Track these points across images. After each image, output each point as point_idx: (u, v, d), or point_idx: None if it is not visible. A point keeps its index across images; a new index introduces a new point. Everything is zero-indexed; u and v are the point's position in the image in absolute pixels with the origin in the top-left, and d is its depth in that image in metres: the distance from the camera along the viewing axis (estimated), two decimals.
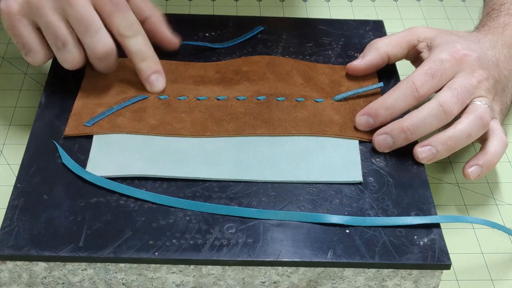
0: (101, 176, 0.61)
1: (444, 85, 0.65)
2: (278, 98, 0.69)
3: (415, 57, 0.72)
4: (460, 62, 0.66)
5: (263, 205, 0.60)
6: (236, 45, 0.75)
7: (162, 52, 0.73)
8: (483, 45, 0.69)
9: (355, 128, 0.67)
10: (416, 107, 0.65)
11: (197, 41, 0.75)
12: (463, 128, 0.64)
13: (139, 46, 0.67)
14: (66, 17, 0.64)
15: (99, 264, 0.56)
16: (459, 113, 0.65)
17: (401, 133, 0.64)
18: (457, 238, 0.64)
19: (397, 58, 0.72)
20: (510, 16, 0.72)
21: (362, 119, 0.66)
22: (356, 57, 0.74)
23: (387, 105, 0.65)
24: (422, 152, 0.64)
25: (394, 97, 0.65)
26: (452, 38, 0.69)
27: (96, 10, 0.65)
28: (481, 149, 0.66)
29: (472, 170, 0.65)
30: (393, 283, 0.58)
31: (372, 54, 0.71)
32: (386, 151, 0.65)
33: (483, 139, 0.66)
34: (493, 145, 0.65)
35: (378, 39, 0.72)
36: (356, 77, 0.72)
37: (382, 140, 0.64)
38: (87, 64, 0.68)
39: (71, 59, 0.66)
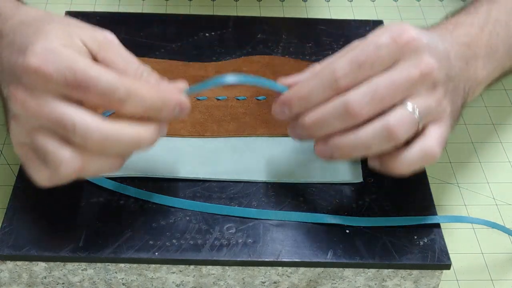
0: (101, 176, 0.61)
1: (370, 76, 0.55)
2: None
3: None
4: (402, 48, 0.54)
5: (263, 205, 0.60)
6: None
7: (164, 52, 0.73)
8: (433, 35, 0.58)
9: None
10: None
11: (197, 41, 0.75)
12: (362, 137, 0.54)
13: (139, 107, 0.54)
14: None
15: (99, 264, 0.56)
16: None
17: (303, 129, 0.56)
18: (457, 238, 0.64)
19: None
20: (467, 16, 0.63)
21: (277, 108, 0.57)
22: None
23: (302, 94, 0.55)
24: (317, 149, 0.56)
25: (311, 86, 0.55)
26: (399, 24, 0.57)
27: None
28: (395, 152, 0.55)
29: (372, 164, 0.57)
30: (393, 283, 0.58)
31: (306, 73, 0.58)
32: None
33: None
34: (408, 153, 0.55)
35: (318, 62, 0.59)
36: None
37: (292, 133, 0.58)
38: None
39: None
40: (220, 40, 0.76)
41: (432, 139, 0.55)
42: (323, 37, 0.77)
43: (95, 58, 0.55)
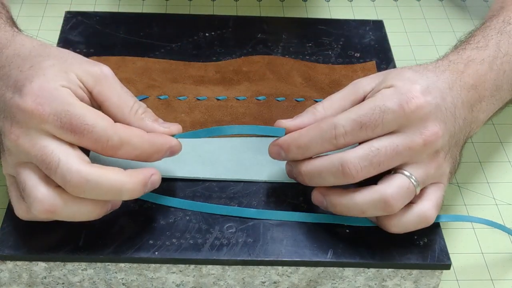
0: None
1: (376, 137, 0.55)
2: (278, 98, 0.69)
3: None
4: (409, 115, 0.54)
5: (263, 205, 0.60)
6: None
7: (164, 52, 0.73)
8: (441, 85, 0.57)
9: None
10: None
11: (197, 41, 0.75)
12: (358, 203, 0.55)
13: (131, 154, 0.55)
14: None
15: (99, 264, 0.56)
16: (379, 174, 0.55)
17: (299, 175, 0.57)
18: (457, 238, 0.64)
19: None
20: (477, 50, 0.61)
21: (274, 149, 0.58)
22: (356, 57, 0.74)
23: (300, 143, 0.56)
24: (314, 197, 0.57)
25: (310, 137, 0.56)
26: (408, 76, 0.56)
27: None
28: (395, 214, 0.55)
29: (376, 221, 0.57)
30: (393, 283, 0.58)
31: (307, 118, 0.58)
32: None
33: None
34: (404, 217, 0.55)
35: (320, 102, 0.59)
36: (356, 76, 0.71)
37: (288, 173, 0.59)
38: None
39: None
40: (220, 40, 0.76)
41: (429, 204, 0.56)
42: (323, 37, 0.77)
43: (90, 93, 0.56)
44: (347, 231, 0.58)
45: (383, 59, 0.74)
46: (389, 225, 0.56)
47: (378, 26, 0.79)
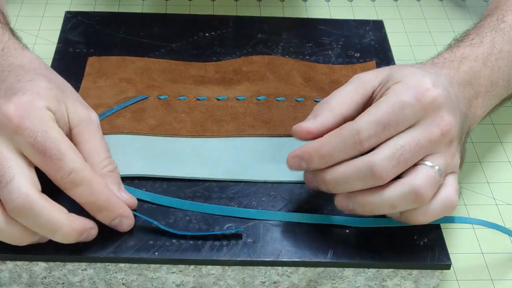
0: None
1: (392, 136, 0.55)
2: (278, 98, 0.69)
3: (369, 104, 0.57)
4: (425, 107, 0.55)
5: (263, 205, 0.60)
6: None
7: (164, 52, 0.73)
8: (443, 80, 0.58)
9: None
10: None
11: (197, 41, 0.75)
12: (389, 199, 0.54)
13: (84, 197, 0.54)
14: None
15: (99, 264, 0.56)
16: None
17: (322, 183, 0.56)
18: (457, 238, 0.64)
19: (352, 118, 0.56)
20: (471, 47, 0.62)
21: (294, 161, 0.57)
22: (356, 57, 0.74)
23: (323, 153, 0.55)
24: (338, 202, 0.56)
25: (332, 145, 0.55)
26: (414, 71, 0.57)
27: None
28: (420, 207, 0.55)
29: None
30: (393, 283, 0.58)
31: (326, 116, 0.57)
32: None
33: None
34: (431, 206, 0.55)
35: (329, 97, 0.58)
36: None
37: (309, 182, 0.57)
38: (87, 65, 0.68)
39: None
40: (220, 40, 0.76)
41: (451, 189, 0.56)
42: (323, 37, 0.77)
43: (71, 130, 0.57)
44: (347, 231, 0.58)
45: (383, 59, 0.75)
46: (416, 216, 0.55)
47: (378, 26, 0.79)
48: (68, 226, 0.53)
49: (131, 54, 0.73)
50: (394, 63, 0.74)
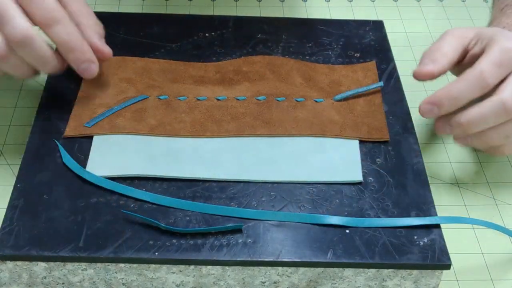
0: (101, 176, 0.61)
1: (508, 74, 0.63)
2: (278, 98, 0.69)
3: (461, 59, 0.68)
4: None
5: (263, 205, 0.60)
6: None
7: (164, 52, 0.73)
8: None
9: (355, 128, 0.67)
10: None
11: (197, 41, 0.75)
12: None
13: (60, 36, 0.63)
14: None
15: (99, 264, 0.56)
16: None
17: (458, 127, 0.63)
18: (457, 238, 0.64)
19: (452, 67, 0.67)
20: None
21: (426, 107, 0.64)
22: (356, 57, 0.74)
23: (453, 95, 0.63)
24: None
25: (460, 88, 0.63)
26: (500, 29, 0.67)
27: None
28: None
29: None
30: (393, 283, 0.58)
31: (442, 61, 0.66)
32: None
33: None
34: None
35: (435, 46, 0.67)
36: (356, 76, 0.72)
37: (441, 129, 0.65)
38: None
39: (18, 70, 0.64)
40: (220, 40, 0.76)
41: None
42: (323, 37, 0.77)
43: None
44: (347, 231, 0.58)
45: (383, 59, 0.75)
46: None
47: (378, 26, 0.79)
48: (53, 58, 0.63)
49: (131, 54, 0.73)
50: (394, 63, 0.74)
